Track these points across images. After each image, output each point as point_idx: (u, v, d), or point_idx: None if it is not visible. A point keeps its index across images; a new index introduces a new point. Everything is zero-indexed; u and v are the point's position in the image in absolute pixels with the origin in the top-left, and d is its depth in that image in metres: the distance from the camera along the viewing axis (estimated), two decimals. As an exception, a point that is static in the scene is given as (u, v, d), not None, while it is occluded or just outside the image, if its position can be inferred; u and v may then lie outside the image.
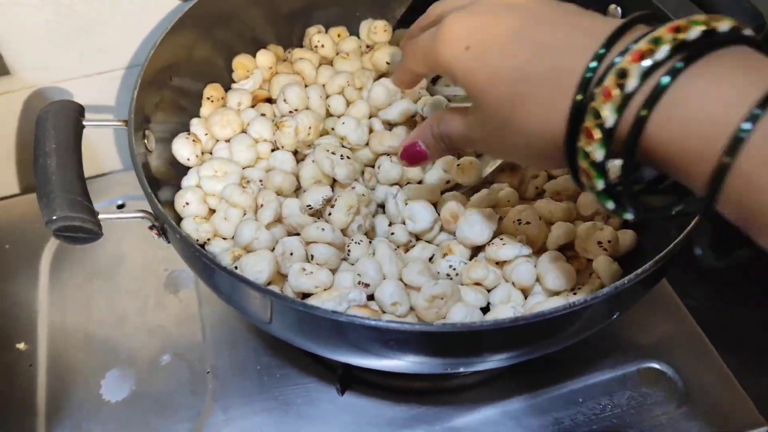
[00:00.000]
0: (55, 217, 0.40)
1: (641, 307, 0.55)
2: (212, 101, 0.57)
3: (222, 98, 0.58)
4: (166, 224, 0.43)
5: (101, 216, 0.43)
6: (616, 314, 0.43)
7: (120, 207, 0.66)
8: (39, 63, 0.61)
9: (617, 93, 0.27)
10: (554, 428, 0.49)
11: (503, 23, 0.32)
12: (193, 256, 0.42)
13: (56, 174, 0.43)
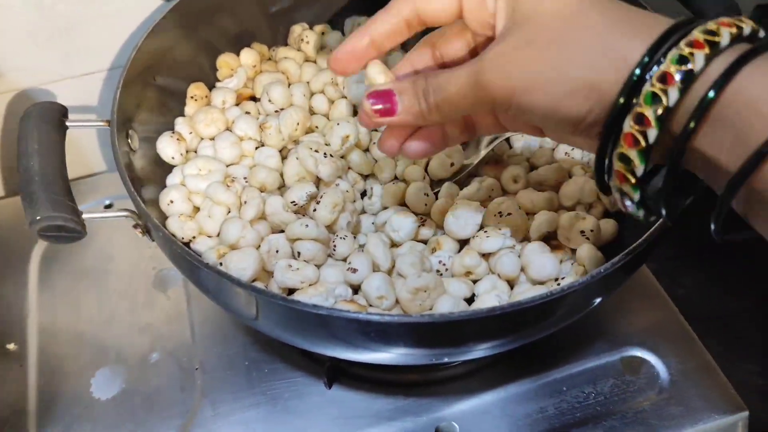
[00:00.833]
0: (39, 217, 0.41)
1: (624, 296, 0.55)
2: (196, 100, 0.58)
3: (206, 97, 0.58)
4: (149, 223, 0.43)
5: (85, 215, 0.43)
6: (597, 300, 0.43)
7: (108, 207, 0.66)
8: (22, 65, 0.61)
9: (678, 77, 0.26)
10: (539, 416, 0.50)
11: None
12: (177, 255, 0.42)
13: (39, 174, 0.43)
